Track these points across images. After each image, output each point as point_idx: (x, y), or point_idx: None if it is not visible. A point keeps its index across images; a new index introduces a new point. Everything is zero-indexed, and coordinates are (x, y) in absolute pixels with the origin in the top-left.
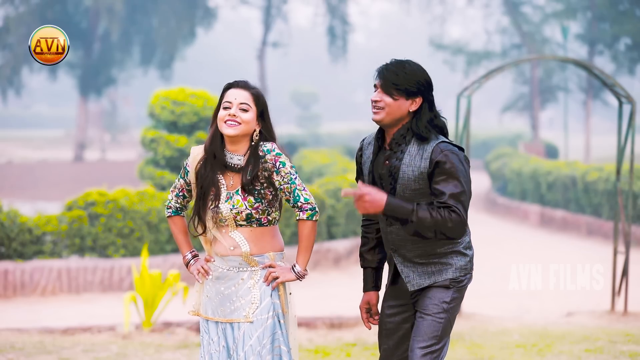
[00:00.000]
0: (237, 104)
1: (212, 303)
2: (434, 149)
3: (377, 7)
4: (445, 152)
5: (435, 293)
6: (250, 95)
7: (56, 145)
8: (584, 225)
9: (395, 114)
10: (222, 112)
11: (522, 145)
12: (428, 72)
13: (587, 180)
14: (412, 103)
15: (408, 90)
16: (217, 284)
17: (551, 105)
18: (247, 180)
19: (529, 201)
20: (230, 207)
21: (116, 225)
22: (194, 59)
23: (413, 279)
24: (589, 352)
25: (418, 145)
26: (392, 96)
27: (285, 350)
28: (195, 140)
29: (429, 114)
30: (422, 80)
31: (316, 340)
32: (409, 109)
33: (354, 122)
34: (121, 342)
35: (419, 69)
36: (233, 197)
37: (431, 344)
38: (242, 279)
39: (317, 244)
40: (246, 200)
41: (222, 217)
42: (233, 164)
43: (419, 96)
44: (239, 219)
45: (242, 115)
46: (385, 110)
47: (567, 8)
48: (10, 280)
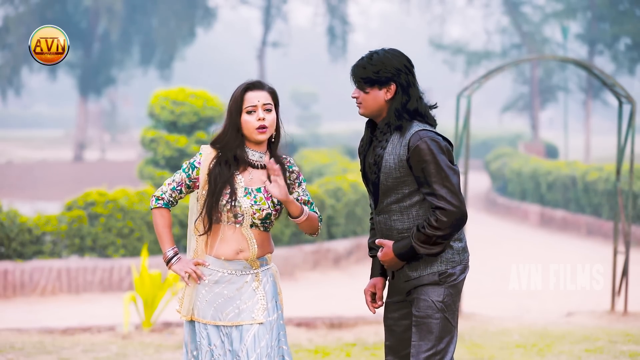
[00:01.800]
0: (262, 106)
1: (212, 307)
2: (413, 136)
3: (377, 7)
4: (424, 139)
5: (428, 293)
6: (269, 95)
7: (56, 145)
8: (584, 225)
9: (373, 106)
10: (248, 117)
11: (522, 145)
12: (405, 56)
13: (587, 180)
14: (386, 92)
15: (378, 81)
16: (216, 288)
17: (551, 105)
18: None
19: (529, 201)
20: (251, 203)
21: (116, 225)
22: (194, 59)
23: (403, 269)
24: (589, 352)
25: (399, 134)
26: (364, 90)
27: (286, 349)
28: (195, 140)
29: (401, 99)
30: (390, 68)
31: (316, 340)
32: (385, 98)
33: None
34: (121, 342)
35: (388, 56)
36: (253, 193)
37: (433, 346)
38: (245, 281)
39: (317, 244)
40: (269, 199)
41: (239, 212)
42: (254, 161)
43: (392, 83)
44: (257, 217)
45: (268, 116)
46: (362, 104)
47: (567, 8)
48: (10, 280)
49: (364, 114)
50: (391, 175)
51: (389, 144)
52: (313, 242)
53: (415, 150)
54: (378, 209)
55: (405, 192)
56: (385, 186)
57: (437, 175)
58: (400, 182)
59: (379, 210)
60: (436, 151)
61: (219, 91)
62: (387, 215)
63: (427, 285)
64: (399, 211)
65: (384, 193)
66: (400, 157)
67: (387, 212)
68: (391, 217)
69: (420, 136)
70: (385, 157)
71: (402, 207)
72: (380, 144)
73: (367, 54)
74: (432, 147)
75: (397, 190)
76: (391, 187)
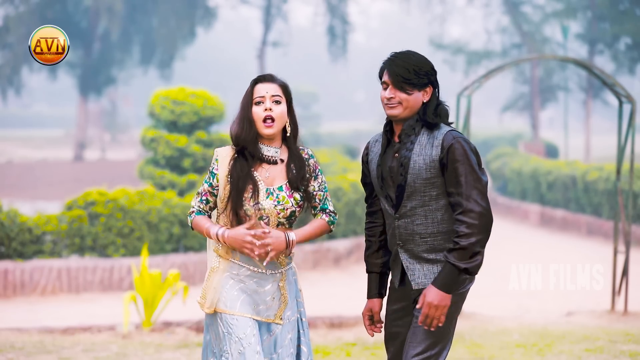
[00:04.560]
0: (270, 97)
1: (240, 299)
2: (445, 136)
3: (377, 6)
4: (457, 139)
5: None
6: (279, 87)
7: (56, 145)
8: (584, 225)
9: (413, 108)
10: (256, 109)
11: (522, 145)
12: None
13: (587, 180)
14: (424, 94)
15: (419, 83)
16: (246, 281)
17: (551, 104)
18: (294, 177)
19: (529, 201)
20: (275, 204)
21: (116, 225)
22: (194, 58)
23: (418, 277)
24: (589, 351)
25: (428, 135)
26: (406, 91)
27: (306, 351)
28: (195, 140)
29: (436, 101)
30: (430, 70)
31: (316, 340)
32: (423, 100)
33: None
34: (121, 341)
35: (425, 59)
36: (275, 193)
37: (425, 349)
38: (274, 279)
39: (317, 244)
40: (292, 197)
41: (264, 215)
42: (270, 156)
43: (429, 86)
44: (282, 216)
45: (276, 108)
46: (402, 105)
47: (567, 7)
48: (10, 280)
49: (399, 114)
50: (420, 177)
51: (416, 145)
52: (313, 242)
53: (451, 149)
54: (399, 213)
55: (432, 195)
56: (413, 188)
57: (468, 176)
58: (429, 183)
59: (401, 214)
60: (469, 152)
61: (219, 91)
62: (410, 220)
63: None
64: (423, 215)
65: (410, 195)
66: (432, 157)
67: (410, 216)
68: (414, 222)
69: (453, 136)
70: (414, 158)
71: (427, 210)
72: (405, 145)
73: (403, 54)
74: (466, 147)
75: (425, 193)
76: (418, 189)
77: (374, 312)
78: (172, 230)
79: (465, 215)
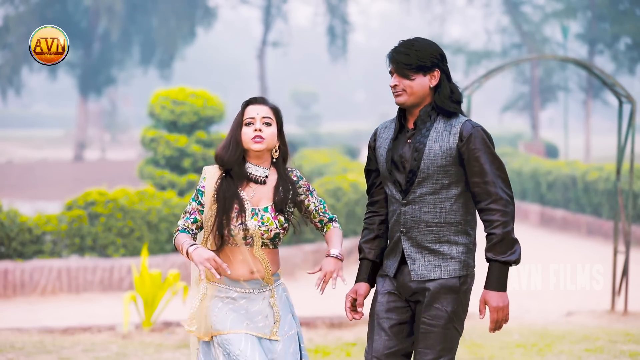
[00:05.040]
0: (260, 119)
1: (231, 317)
2: (464, 125)
3: (377, 6)
4: (476, 128)
5: (442, 301)
6: (270, 110)
7: (56, 145)
8: (584, 225)
9: (418, 93)
10: (246, 129)
11: (522, 145)
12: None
13: (587, 180)
14: (431, 78)
15: (423, 67)
16: (235, 302)
17: (551, 104)
18: (280, 199)
19: (529, 201)
20: (259, 225)
21: (116, 225)
22: (194, 58)
23: (418, 267)
24: (589, 351)
25: (445, 122)
26: (409, 78)
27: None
28: (195, 140)
29: (448, 86)
30: (435, 53)
31: (316, 340)
32: (430, 85)
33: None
34: (121, 341)
35: (429, 43)
36: (260, 213)
37: (439, 356)
38: (263, 298)
39: (317, 244)
40: (277, 219)
41: (247, 235)
42: (257, 176)
43: (436, 69)
44: (266, 237)
45: (266, 129)
46: (407, 92)
47: (567, 7)
48: (10, 280)
49: (404, 102)
50: (435, 163)
51: (432, 132)
52: (313, 242)
53: (470, 138)
54: (407, 199)
55: (444, 183)
56: (425, 174)
57: (492, 164)
58: (442, 171)
59: (409, 200)
60: (489, 141)
61: (219, 91)
62: (417, 207)
63: (442, 291)
64: (432, 203)
65: (421, 182)
66: (450, 145)
67: (418, 202)
68: (422, 209)
69: (472, 125)
70: (430, 145)
71: (436, 198)
72: (421, 132)
73: (405, 41)
74: (485, 137)
75: (437, 180)
76: (431, 175)
77: (359, 294)
78: (172, 230)
79: (496, 204)
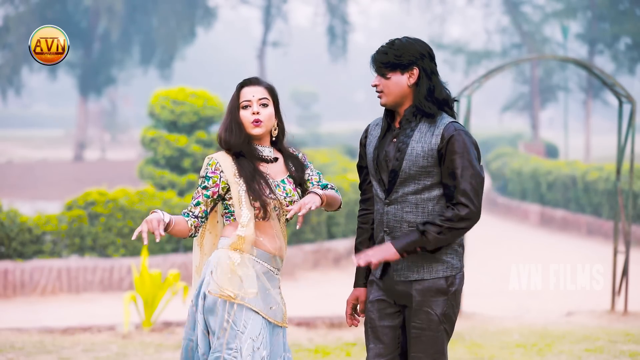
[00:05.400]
0: (257, 101)
1: (263, 297)
2: (447, 127)
3: (377, 6)
4: (459, 131)
5: (432, 305)
6: (265, 90)
7: (56, 145)
8: (584, 225)
9: (395, 92)
10: (244, 112)
11: (522, 145)
12: (427, 44)
13: (587, 180)
14: (409, 76)
15: (400, 65)
16: (261, 278)
17: (551, 104)
18: (297, 175)
19: (529, 201)
20: (284, 195)
21: (116, 225)
22: (194, 58)
23: (401, 268)
24: (589, 351)
25: (429, 123)
26: (385, 76)
27: (289, 356)
28: (195, 140)
29: (427, 83)
30: (413, 51)
31: (316, 340)
32: (408, 84)
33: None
34: (121, 341)
35: (410, 41)
36: (281, 185)
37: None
38: (277, 281)
39: (317, 244)
40: (296, 190)
41: (276, 205)
42: (265, 156)
43: (414, 67)
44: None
45: (263, 111)
46: (384, 92)
47: (567, 7)
48: (10, 280)
49: (385, 103)
50: (417, 164)
51: (416, 132)
52: (313, 242)
53: (451, 140)
54: (390, 199)
55: (426, 184)
56: (407, 174)
57: (466, 170)
58: (424, 172)
59: (391, 200)
60: (469, 146)
61: (219, 91)
62: (400, 206)
63: (429, 294)
64: (414, 203)
65: (403, 182)
66: (431, 145)
67: (400, 202)
68: (404, 209)
69: (455, 127)
70: (412, 145)
71: (418, 199)
72: (405, 132)
73: (389, 41)
74: (467, 141)
75: (418, 181)
76: (413, 176)
77: (360, 301)
78: None
79: (456, 208)
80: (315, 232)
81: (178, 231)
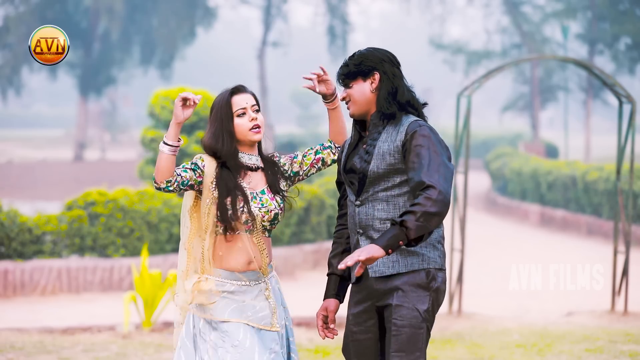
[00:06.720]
0: (250, 107)
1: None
2: (411, 124)
3: (377, 6)
4: (423, 126)
5: (413, 300)
6: (253, 97)
7: (56, 145)
8: (584, 225)
9: (360, 100)
10: (240, 121)
11: (522, 145)
12: (389, 52)
13: (587, 180)
14: (371, 82)
15: (360, 72)
16: (232, 297)
17: (551, 104)
18: (272, 181)
19: (529, 201)
20: (259, 207)
21: (116, 225)
22: (194, 58)
23: (376, 264)
24: (589, 352)
25: (395, 124)
26: (348, 86)
27: (296, 358)
28: (195, 140)
29: (387, 86)
30: (372, 57)
31: (316, 340)
32: (371, 89)
33: None
34: (121, 341)
35: (370, 50)
36: (258, 196)
37: (419, 358)
38: (259, 290)
39: (317, 244)
40: (274, 200)
41: (249, 219)
42: (251, 164)
43: (375, 72)
44: (267, 219)
45: (259, 117)
46: (351, 101)
47: (567, 8)
48: (10, 280)
49: (353, 112)
50: (385, 161)
51: (383, 134)
52: (313, 242)
53: (414, 134)
54: (361, 199)
55: (395, 182)
56: (376, 174)
57: (433, 161)
58: (392, 169)
59: (362, 200)
60: (434, 139)
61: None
62: (371, 205)
63: (410, 289)
64: (385, 200)
65: (372, 181)
66: (396, 142)
67: (371, 201)
68: (375, 207)
69: (419, 124)
70: (379, 145)
71: (389, 195)
72: (373, 135)
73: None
74: (431, 135)
75: (388, 179)
76: (382, 175)
77: (329, 311)
78: (172, 230)
79: (424, 192)
80: (315, 232)
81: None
